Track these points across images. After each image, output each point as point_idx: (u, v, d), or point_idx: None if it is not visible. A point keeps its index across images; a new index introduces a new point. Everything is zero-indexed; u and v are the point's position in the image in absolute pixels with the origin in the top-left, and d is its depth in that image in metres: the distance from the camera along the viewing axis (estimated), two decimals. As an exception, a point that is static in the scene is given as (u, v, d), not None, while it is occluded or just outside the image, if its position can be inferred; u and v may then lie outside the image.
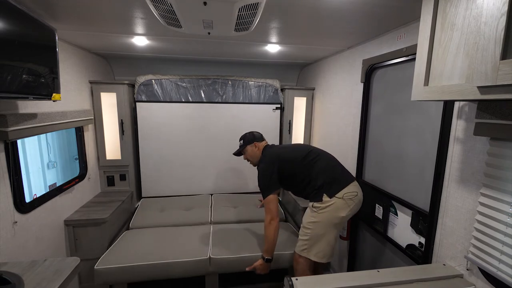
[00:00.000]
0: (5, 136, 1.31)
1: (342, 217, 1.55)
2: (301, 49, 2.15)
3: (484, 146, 1.02)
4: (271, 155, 1.73)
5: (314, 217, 1.57)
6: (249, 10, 1.17)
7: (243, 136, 1.88)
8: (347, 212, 1.56)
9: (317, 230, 1.55)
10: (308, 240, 1.57)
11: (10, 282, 0.90)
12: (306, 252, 1.57)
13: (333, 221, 1.55)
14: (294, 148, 1.81)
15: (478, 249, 1.02)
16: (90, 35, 1.80)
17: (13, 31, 1.13)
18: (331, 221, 1.55)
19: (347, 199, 1.56)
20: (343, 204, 1.55)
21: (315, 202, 1.59)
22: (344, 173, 1.67)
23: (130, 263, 1.62)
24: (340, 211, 1.55)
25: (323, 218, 1.55)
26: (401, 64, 1.54)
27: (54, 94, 1.44)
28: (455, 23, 0.81)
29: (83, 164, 2.24)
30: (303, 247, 1.59)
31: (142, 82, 2.55)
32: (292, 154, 1.71)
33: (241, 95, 2.73)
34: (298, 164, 1.67)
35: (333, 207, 1.54)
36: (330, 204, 1.54)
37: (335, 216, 1.54)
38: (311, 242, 1.57)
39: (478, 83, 0.72)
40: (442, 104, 1.22)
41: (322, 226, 1.55)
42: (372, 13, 1.30)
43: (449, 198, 1.19)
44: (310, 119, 2.82)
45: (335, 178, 1.61)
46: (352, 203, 1.58)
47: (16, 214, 1.44)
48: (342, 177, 1.64)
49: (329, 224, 1.55)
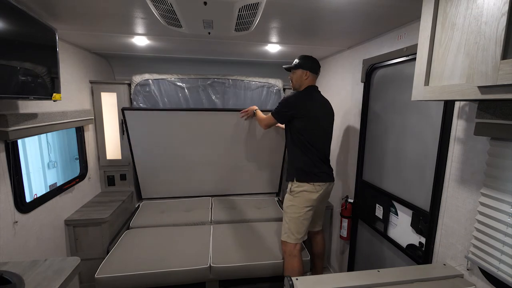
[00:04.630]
0: (5, 136, 1.31)
1: (313, 199, 1.67)
2: (301, 49, 2.15)
3: (485, 146, 1.02)
4: (304, 102, 1.69)
5: (291, 200, 1.70)
6: (249, 10, 1.17)
7: (301, 56, 1.78)
8: (316, 196, 1.67)
9: (294, 213, 1.68)
10: (288, 223, 1.70)
11: (11, 282, 0.90)
12: (287, 236, 1.70)
13: (307, 202, 1.67)
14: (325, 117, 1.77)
15: (479, 249, 1.02)
16: (91, 35, 1.80)
17: (13, 31, 1.13)
18: (305, 202, 1.67)
19: (316, 185, 1.67)
20: (311, 188, 1.67)
21: (289, 183, 1.74)
22: (325, 171, 1.72)
23: (130, 271, 1.63)
24: (310, 194, 1.67)
25: (299, 200, 1.68)
26: (402, 64, 1.54)
27: (54, 94, 1.44)
28: (456, 23, 0.81)
29: (83, 164, 2.24)
30: (285, 232, 1.71)
31: (139, 82, 2.42)
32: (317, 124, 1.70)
33: (242, 96, 2.60)
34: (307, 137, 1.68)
35: (303, 190, 1.67)
36: (301, 188, 1.67)
37: (308, 198, 1.67)
38: (290, 225, 1.69)
39: (478, 83, 0.72)
40: (442, 104, 1.22)
41: (298, 208, 1.67)
42: (373, 13, 1.30)
43: (449, 198, 1.19)
44: (311, 119, 2.81)
45: (315, 171, 1.68)
46: (320, 189, 1.68)
47: (16, 214, 1.44)
48: (321, 174, 1.69)
49: (303, 205, 1.67)
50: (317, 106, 1.72)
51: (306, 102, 1.69)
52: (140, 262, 1.71)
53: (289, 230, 1.69)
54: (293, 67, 1.78)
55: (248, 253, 1.85)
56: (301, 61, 1.74)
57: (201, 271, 1.70)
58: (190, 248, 1.89)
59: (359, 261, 2.03)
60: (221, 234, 2.09)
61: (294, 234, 1.68)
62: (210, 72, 2.81)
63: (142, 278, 1.63)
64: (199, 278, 1.72)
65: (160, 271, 1.65)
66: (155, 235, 2.04)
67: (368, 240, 1.92)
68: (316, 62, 1.76)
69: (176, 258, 1.77)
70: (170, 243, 1.94)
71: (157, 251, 1.84)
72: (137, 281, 1.63)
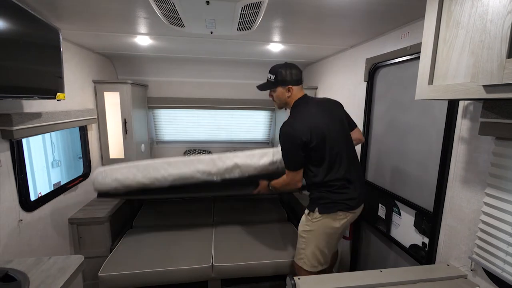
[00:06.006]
0: (10, 135, 1.33)
1: (336, 227, 1.41)
2: (303, 48, 2.14)
3: (489, 145, 1.01)
4: (300, 126, 1.33)
5: (309, 225, 1.44)
6: (251, 9, 1.17)
7: (275, 69, 1.42)
8: (341, 223, 1.40)
9: (311, 239, 1.44)
10: (304, 249, 1.46)
11: (16, 280, 0.91)
12: (303, 262, 1.47)
13: (326, 231, 1.41)
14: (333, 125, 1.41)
15: (483, 250, 1.01)
16: (94, 34, 1.81)
17: (17, 31, 1.14)
18: (324, 231, 1.41)
19: (340, 214, 1.38)
20: (334, 218, 1.39)
21: (308, 210, 1.45)
22: (354, 198, 1.40)
23: (133, 270, 1.64)
24: (333, 222, 1.39)
25: (317, 227, 1.41)
26: (405, 63, 1.53)
27: (58, 94, 1.45)
28: (460, 21, 0.80)
29: (87, 163, 2.26)
30: (300, 255, 1.49)
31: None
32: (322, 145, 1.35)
33: None
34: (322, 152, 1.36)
35: (326, 220, 1.39)
36: (321, 218, 1.39)
37: (328, 226, 1.40)
38: (307, 252, 1.45)
39: (483, 82, 0.71)
40: (446, 103, 1.21)
41: (316, 234, 1.42)
42: (376, 11, 1.29)
43: (453, 198, 1.18)
44: (313, 118, 2.80)
45: (340, 200, 1.37)
46: (344, 217, 1.40)
47: (21, 212, 1.46)
48: (349, 201, 1.38)
49: (323, 232, 1.42)
50: (319, 120, 1.38)
51: (306, 125, 1.34)
52: (143, 261, 1.72)
53: (306, 257, 1.45)
54: (269, 86, 1.46)
55: (250, 252, 1.85)
56: (278, 76, 1.41)
57: (204, 270, 1.71)
58: (192, 247, 1.90)
59: (362, 261, 2.02)
60: (223, 233, 2.09)
61: (311, 262, 1.44)
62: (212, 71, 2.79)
63: (144, 276, 1.64)
64: (201, 277, 1.73)
65: (163, 269, 1.66)
66: (157, 234, 2.05)
67: (371, 240, 1.91)
68: (295, 68, 1.43)
69: (179, 257, 1.77)
70: (173, 242, 1.95)
71: (160, 250, 1.85)
72: (140, 279, 1.64)
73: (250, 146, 3.39)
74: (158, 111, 3.21)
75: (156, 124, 3.27)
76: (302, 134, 1.32)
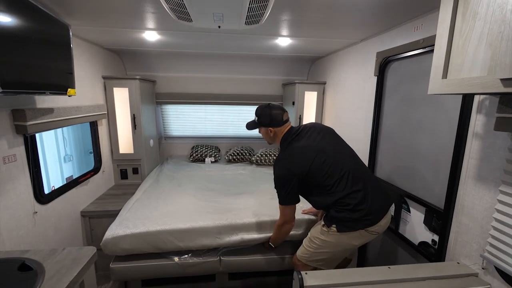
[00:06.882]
0: (24, 130, 1.37)
1: (354, 245, 1.37)
2: (312, 42, 2.11)
3: (505, 142, 0.98)
4: (293, 160, 1.36)
5: (324, 235, 1.37)
6: (260, 2, 1.15)
7: (257, 111, 1.50)
8: (360, 241, 1.36)
9: (324, 248, 1.38)
10: (312, 253, 1.42)
11: (32, 269, 0.94)
12: (305, 259, 1.45)
13: (343, 246, 1.36)
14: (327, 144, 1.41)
15: (496, 248, 0.99)
16: (103, 30, 1.82)
17: (29, 28, 1.16)
18: (341, 246, 1.36)
19: (364, 234, 1.31)
20: (358, 235, 1.32)
21: (324, 223, 1.38)
22: (373, 211, 1.30)
23: (143, 261, 1.68)
24: (352, 240, 1.33)
25: (334, 239, 1.34)
26: (418, 57, 1.48)
27: (69, 89, 1.48)
28: (478, 12, 0.77)
29: (97, 157, 2.30)
30: (304, 254, 1.46)
31: None
32: (322, 166, 1.33)
33: None
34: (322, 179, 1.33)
35: (345, 237, 1.33)
36: (339, 234, 1.32)
37: (346, 243, 1.35)
38: (314, 256, 1.42)
39: (501, 75, 0.69)
40: (460, 98, 1.18)
41: (331, 246, 1.36)
42: (388, 3, 1.25)
43: (465, 196, 1.15)
44: (321, 113, 2.77)
45: (359, 218, 1.28)
46: (369, 237, 1.34)
47: (36, 205, 1.51)
48: (369, 216, 1.29)
49: (338, 246, 1.36)
50: (311, 143, 1.39)
51: (298, 156, 1.36)
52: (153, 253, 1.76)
53: (311, 256, 1.43)
54: (254, 126, 1.54)
55: (256, 247, 1.86)
56: (260, 119, 1.49)
57: (212, 264, 1.74)
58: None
59: (370, 257, 2.01)
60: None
61: (313, 263, 1.43)
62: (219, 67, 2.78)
63: (154, 268, 1.68)
64: (209, 270, 1.76)
65: (171, 263, 1.69)
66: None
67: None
68: (276, 109, 1.47)
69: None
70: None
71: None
72: (149, 271, 1.68)
73: (257, 142, 3.39)
74: (166, 107, 3.24)
75: (164, 120, 3.30)
76: (297, 168, 1.34)
